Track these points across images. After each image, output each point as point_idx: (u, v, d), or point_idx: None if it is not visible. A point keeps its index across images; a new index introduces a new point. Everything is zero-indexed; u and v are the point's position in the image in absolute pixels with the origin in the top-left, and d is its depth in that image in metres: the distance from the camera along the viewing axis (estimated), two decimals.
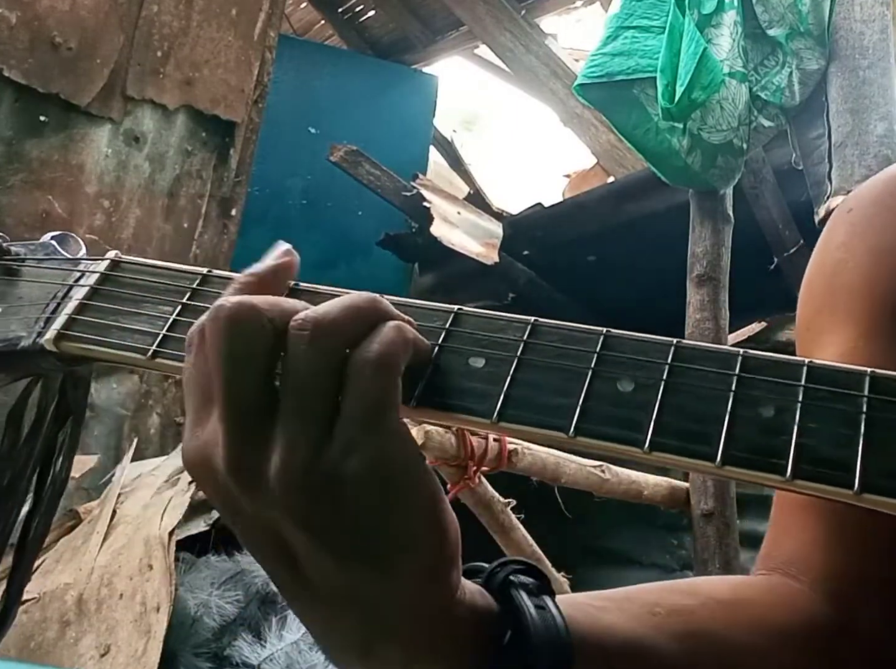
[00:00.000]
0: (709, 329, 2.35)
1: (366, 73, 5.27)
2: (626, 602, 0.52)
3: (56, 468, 0.58)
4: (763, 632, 0.55)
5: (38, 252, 0.54)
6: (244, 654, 1.81)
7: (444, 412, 0.41)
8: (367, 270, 4.88)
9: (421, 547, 0.41)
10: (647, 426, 0.37)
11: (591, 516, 2.67)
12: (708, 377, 0.38)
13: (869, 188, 0.68)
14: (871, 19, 2.36)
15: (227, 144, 3.31)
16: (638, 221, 3.46)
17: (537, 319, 0.43)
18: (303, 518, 0.39)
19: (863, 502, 0.34)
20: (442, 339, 0.42)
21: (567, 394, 0.39)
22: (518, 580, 0.46)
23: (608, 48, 2.14)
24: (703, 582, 0.58)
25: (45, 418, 0.56)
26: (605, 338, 0.41)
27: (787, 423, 0.36)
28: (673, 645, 0.51)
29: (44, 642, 1.88)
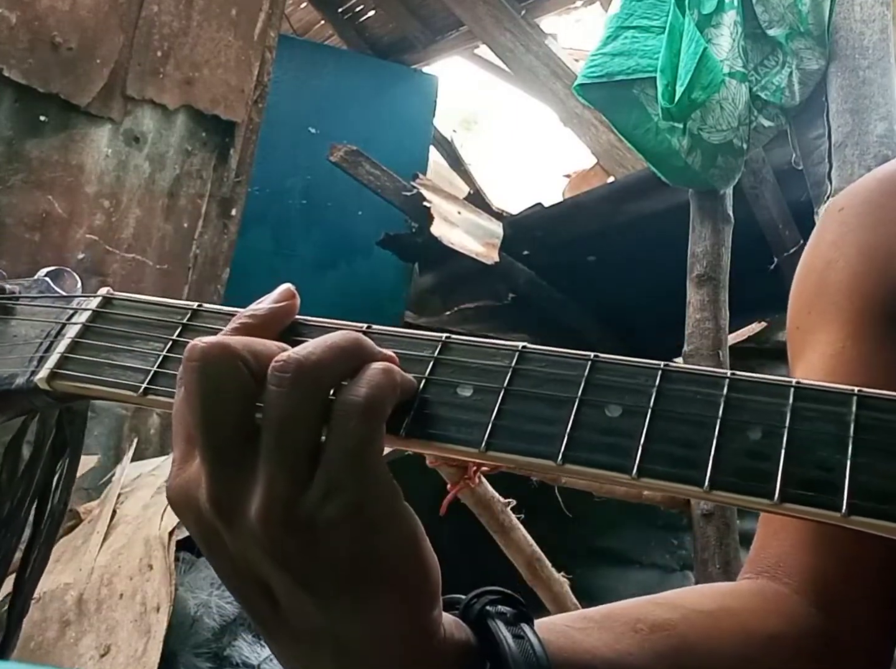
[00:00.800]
0: (709, 329, 2.35)
1: (366, 73, 5.27)
2: (608, 620, 0.52)
3: (54, 500, 0.58)
4: (748, 640, 0.55)
5: (33, 289, 0.55)
6: (244, 654, 1.81)
7: (431, 442, 0.41)
8: (367, 270, 4.88)
9: (401, 587, 0.40)
10: (635, 453, 0.37)
11: (591, 516, 2.67)
12: (696, 401, 0.38)
13: (860, 187, 0.68)
14: (871, 19, 2.36)
15: (227, 144, 3.31)
16: (638, 221, 3.46)
17: (525, 345, 0.42)
18: (282, 558, 0.39)
19: (850, 524, 0.34)
20: (430, 369, 0.42)
21: (555, 422, 0.39)
22: (495, 610, 0.46)
23: (608, 48, 2.14)
24: (687, 594, 0.58)
25: (43, 451, 0.56)
26: (592, 363, 0.41)
27: (774, 446, 0.36)
28: (657, 662, 0.51)
29: (44, 642, 1.88)
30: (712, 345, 2.33)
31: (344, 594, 0.40)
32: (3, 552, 0.57)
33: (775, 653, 0.55)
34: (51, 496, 0.58)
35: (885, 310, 0.61)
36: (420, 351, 0.43)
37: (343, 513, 0.38)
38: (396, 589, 0.40)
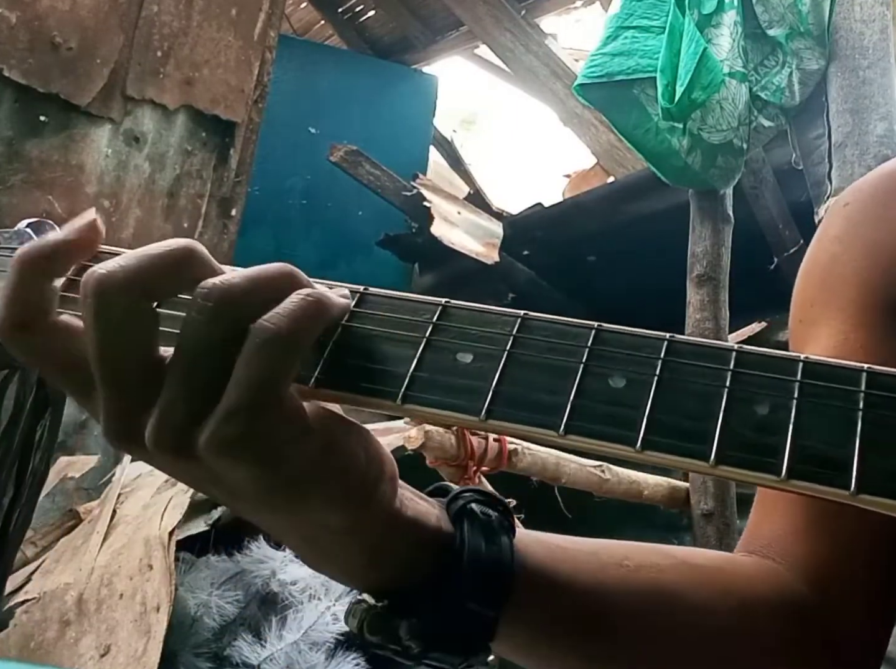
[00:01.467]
0: (709, 329, 2.36)
1: (366, 73, 5.27)
2: (599, 549, 0.53)
3: (35, 460, 0.57)
4: (733, 598, 0.55)
5: (13, 241, 0.53)
6: (244, 654, 1.81)
7: (430, 409, 0.39)
8: (367, 270, 4.88)
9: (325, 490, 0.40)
10: (640, 424, 0.36)
11: (591, 516, 2.67)
12: (702, 373, 0.37)
13: (866, 183, 0.68)
14: (871, 19, 2.36)
15: (227, 144, 3.31)
16: (638, 221, 3.46)
17: (527, 313, 0.41)
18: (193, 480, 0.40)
19: (859, 502, 0.33)
20: (429, 333, 0.41)
21: (557, 391, 0.38)
22: (479, 510, 0.47)
23: (608, 48, 2.14)
24: (680, 549, 0.58)
25: (24, 410, 0.55)
26: (596, 332, 0.39)
27: (782, 421, 0.35)
28: (633, 598, 0.51)
29: (44, 642, 1.88)
30: None
31: (266, 503, 0.40)
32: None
33: (761, 615, 0.55)
34: (32, 456, 0.58)
35: (889, 303, 0.61)
36: (418, 316, 0.42)
37: (230, 444, 0.37)
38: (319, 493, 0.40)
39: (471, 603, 0.44)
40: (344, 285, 0.43)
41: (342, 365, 0.41)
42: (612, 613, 0.51)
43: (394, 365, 0.40)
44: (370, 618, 0.45)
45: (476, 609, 0.44)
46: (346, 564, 0.45)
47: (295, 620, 1.86)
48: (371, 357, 0.41)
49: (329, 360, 0.41)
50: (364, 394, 0.40)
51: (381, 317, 0.42)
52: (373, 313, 0.42)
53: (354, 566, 0.45)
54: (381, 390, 0.40)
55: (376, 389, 0.40)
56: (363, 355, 0.41)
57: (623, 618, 0.51)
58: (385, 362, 0.41)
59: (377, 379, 0.40)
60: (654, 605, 0.52)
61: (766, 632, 0.55)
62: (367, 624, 0.45)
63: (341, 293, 0.42)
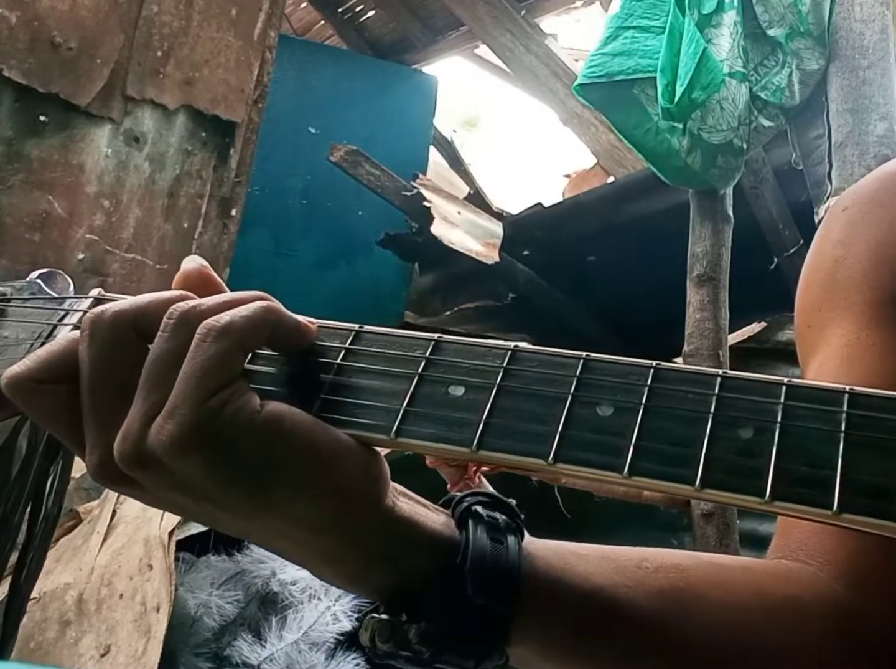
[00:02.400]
0: (709, 329, 2.35)
1: (366, 73, 5.27)
2: (615, 553, 0.52)
3: (48, 503, 0.57)
4: (761, 597, 0.53)
5: (24, 291, 0.55)
6: (244, 654, 1.81)
7: (423, 442, 0.41)
8: (367, 270, 4.88)
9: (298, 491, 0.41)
10: (627, 451, 0.37)
11: (591, 516, 2.67)
12: (687, 399, 0.38)
13: (864, 186, 0.69)
14: (871, 19, 2.36)
15: (227, 144, 3.31)
16: (638, 221, 3.46)
17: (517, 344, 0.42)
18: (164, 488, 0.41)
19: (841, 521, 0.34)
20: (422, 368, 0.42)
21: (546, 421, 0.39)
22: (485, 513, 0.47)
23: (608, 48, 2.14)
24: (702, 554, 0.57)
25: (35, 454, 0.56)
26: (584, 362, 0.41)
27: (766, 444, 0.36)
28: (653, 600, 0.50)
29: (44, 642, 1.88)
30: (712, 345, 2.33)
31: (239, 503, 0.41)
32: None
33: (791, 615, 0.53)
34: (44, 500, 0.58)
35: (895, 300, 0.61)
36: (412, 351, 0.43)
37: (175, 440, 0.38)
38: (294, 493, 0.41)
39: (478, 599, 0.44)
40: (338, 324, 0.45)
41: (338, 402, 0.42)
42: (627, 614, 0.49)
43: (388, 400, 0.41)
44: (379, 627, 0.45)
45: (483, 605, 0.44)
46: (345, 569, 0.45)
47: (295, 620, 1.86)
48: (366, 393, 0.42)
49: (326, 397, 0.42)
50: (359, 429, 0.41)
51: (376, 354, 0.43)
52: (367, 350, 0.44)
53: (353, 570, 0.45)
54: (376, 425, 0.41)
55: (371, 424, 0.41)
56: (358, 391, 0.42)
57: (640, 619, 0.50)
58: (379, 397, 0.42)
59: (372, 414, 0.42)
60: (675, 605, 0.51)
61: (805, 631, 0.53)
62: (377, 634, 0.45)
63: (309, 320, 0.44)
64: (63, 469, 0.58)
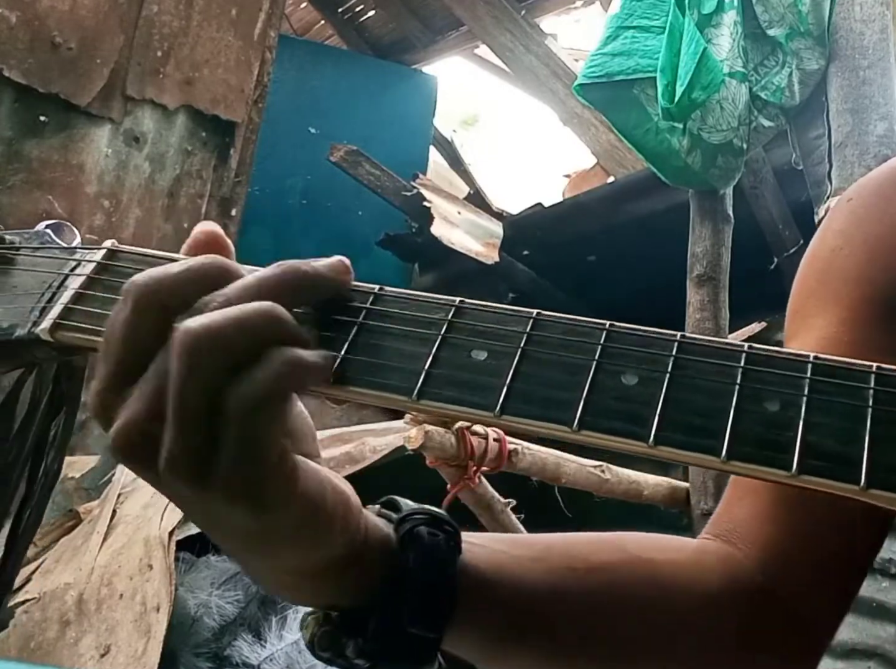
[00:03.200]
0: (709, 329, 2.35)
1: (366, 73, 5.27)
2: (546, 552, 0.53)
3: (48, 459, 0.57)
4: (683, 593, 0.56)
5: (33, 241, 0.54)
6: (244, 654, 1.81)
7: (446, 405, 0.40)
8: (367, 270, 4.81)
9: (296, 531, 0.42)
10: (652, 421, 0.37)
11: (592, 516, 2.67)
12: (713, 371, 0.38)
13: (870, 180, 0.69)
14: (871, 19, 2.36)
15: (227, 144, 3.31)
16: (638, 221, 3.46)
17: (540, 311, 0.42)
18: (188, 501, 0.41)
19: (868, 497, 0.34)
20: (444, 330, 0.42)
21: (570, 387, 0.38)
22: (426, 531, 0.48)
23: (608, 48, 2.14)
24: (636, 539, 0.58)
25: (38, 409, 0.55)
26: (608, 331, 0.40)
27: (792, 418, 0.36)
28: (583, 602, 0.52)
29: (44, 642, 1.88)
30: None
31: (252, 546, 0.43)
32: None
33: (710, 609, 0.56)
34: (45, 455, 0.58)
35: (885, 298, 0.61)
36: (433, 314, 0.43)
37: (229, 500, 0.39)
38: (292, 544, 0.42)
39: (412, 628, 0.46)
40: (359, 284, 0.44)
41: (359, 362, 0.41)
42: (557, 618, 0.52)
43: (409, 362, 0.41)
44: (320, 635, 0.46)
45: (417, 634, 0.46)
46: (299, 593, 0.47)
47: (295, 620, 1.86)
48: (387, 354, 0.42)
49: (346, 357, 0.41)
50: (381, 390, 0.41)
51: (397, 315, 0.43)
52: (389, 311, 0.43)
53: (309, 593, 0.47)
54: (398, 386, 0.40)
55: (393, 385, 0.41)
56: (380, 352, 0.42)
57: (570, 622, 0.52)
58: (401, 359, 0.41)
59: (393, 376, 0.41)
60: (603, 606, 0.53)
61: (718, 628, 0.56)
62: (317, 640, 0.46)
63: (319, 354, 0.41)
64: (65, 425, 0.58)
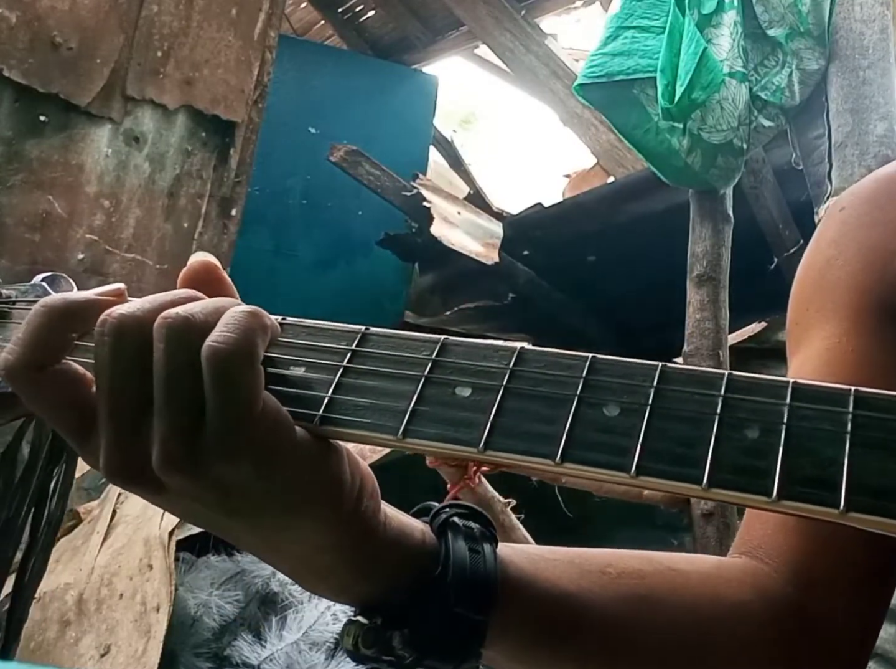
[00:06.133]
0: (709, 329, 2.35)
1: (366, 73, 5.27)
2: (579, 558, 0.54)
3: (51, 506, 0.58)
4: (716, 603, 0.56)
5: (29, 294, 0.55)
6: (244, 654, 1.81)
7: (431, 442, 0.41)
8: (367, 270, 4.88)
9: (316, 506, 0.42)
10: (634, 451, 0.37)
11: (591, 516, 2.67)
12: (693, 400, 0.38)
13: (861, 188, 0.69)
14: (871, 19, 2.36)
15: (227, 144, 3.31)
16: (638, 221, 3.46)
17: (523, 346, 0.43)
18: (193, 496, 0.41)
19: (848, 521, 0.34)
20: (429, 369, 0.42)
21: (553, 421, 0.39)
22: (462, 524, 0.49)
23: (608, 48, 2.14)
24: (666, 555, 0.59)
25: (39, 457, 0.56)
26: (590, 363, 0.41)
27: (772, 444, 0.36)
28: (615, 605, 0.53)
29: (44, 642, 1.88)
30: (712, 345, 2.33)
31: (262, 518, 0.43)
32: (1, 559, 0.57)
33: (741, 620, 0.56)
34: (48, 503, 0.59)
35: (882, 306, 0.62)
36: (418, 353, 0.43)
37: (229, 454, 0.39)
38: (310, 510, 0.42)
39: (458, 609, 0.46)
40: (344, 325, 0.45)
41: (345, 402, 0.42)
42: (591, 618, 0.52)
43: (394, 401, 0.42)
44: (363, 634, 0.46)
45: (464, 614, 0.46)
46: (336, 581, 0.47)
47: (295, 620, 1.86)
48: (372, 394, 0.42)
49: (333, 398, 0.42)
50: (366, 430, 0.42)
51: (382, 355, 0.44)
52: (373, 352, 0.44)
53: (345, 583, 0.47)
54: (383, 425, 0.41)
55: (378, 425, 0.41)
56: (365, 392, 0.43)
57: (603, 623, 0.52)
58: (386, 398, 0.42)
59: (379, 415, 0.42)
60: (635, 611, 0.53)
61: (749, 639, 0.56)
62: (360, 640, 0.46)
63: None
64: (66, 473, 0.59)
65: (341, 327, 0.45)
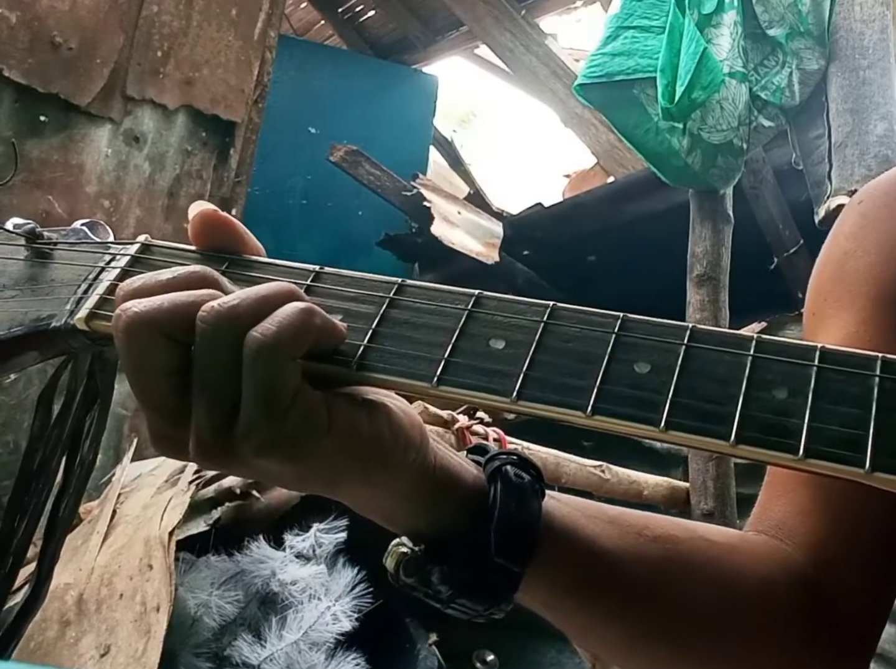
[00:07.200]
0: None
1: (366, 73, 5.26)
2: (620, 517, 0.56)
3: (84, 449, 0.59)
4: (742, 576, 0.57)
5: (70, 237, 0.56)
6: (244, 654, 1.81)
7: (464, 391, 0.41)
8: (367, 270, 4.83)
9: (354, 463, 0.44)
10: (663, 406, 0.38)
11: None
12: (723, 360, 0.39)
13: (880, 182, 0.70)
14: (871, 19, 2.36)
15: (227, 144, 3.31)
16: (638, 221, 3.46)
17: (556, 303, 0.44)
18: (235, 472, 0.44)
19: (873, 481, 0.35)
20: (463, 321, 0.43)
21: (584, 375, 0.40)
22: (510, 472, 0.50)
23: (608, 48, 2.14)
24: (699, 524, 0.61)
25: (74, 400, 0.57)
26: (622, 321, 0.42)
27: (799, 404, 0.37)
28: (648, 566, 0.54)
29: (44, 642, 1.88)
30: None
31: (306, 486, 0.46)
32: (36, 502, 0.59)
33: (765, 594, 0.58)
34: (81, 446, 0.60)
35: None
36: (453, 305, 0.44)
37: (259, 451, 0.40)
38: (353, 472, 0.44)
39: (499, 558, 0.48)
40: (383, 277, 0.46)
41: (381, 351, 0.43)
42: (626, 577, 0.54)
43: (430, 351, 0.42)
44: (406, 561, 0.48)
45: (502, 564, 0.48)
46: (388, 515, 0.49)
47: (295, 620, 1.86)
48: (408, 343, 0.43)
49: (369, 346, 0.44)
50: (402, 376, 0.43)
51: (418, 306, 0.45)
52: (410, 302, 0.45)
53: (396, 517, 0.49)
54: (418, 373, 0.42)
55: (413, 372, 0.42)
56: (401, 341, 0.44)
57: (636, 583, 0.54)
58: (421, 348, 0.43)
59: (413, 364, 0.43)
60: (667, 574, 0.55)
61: (773, 613, 0.58)
62: (402, 567, 0.48)
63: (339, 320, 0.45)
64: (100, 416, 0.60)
65: (379, 278, 0.46)
